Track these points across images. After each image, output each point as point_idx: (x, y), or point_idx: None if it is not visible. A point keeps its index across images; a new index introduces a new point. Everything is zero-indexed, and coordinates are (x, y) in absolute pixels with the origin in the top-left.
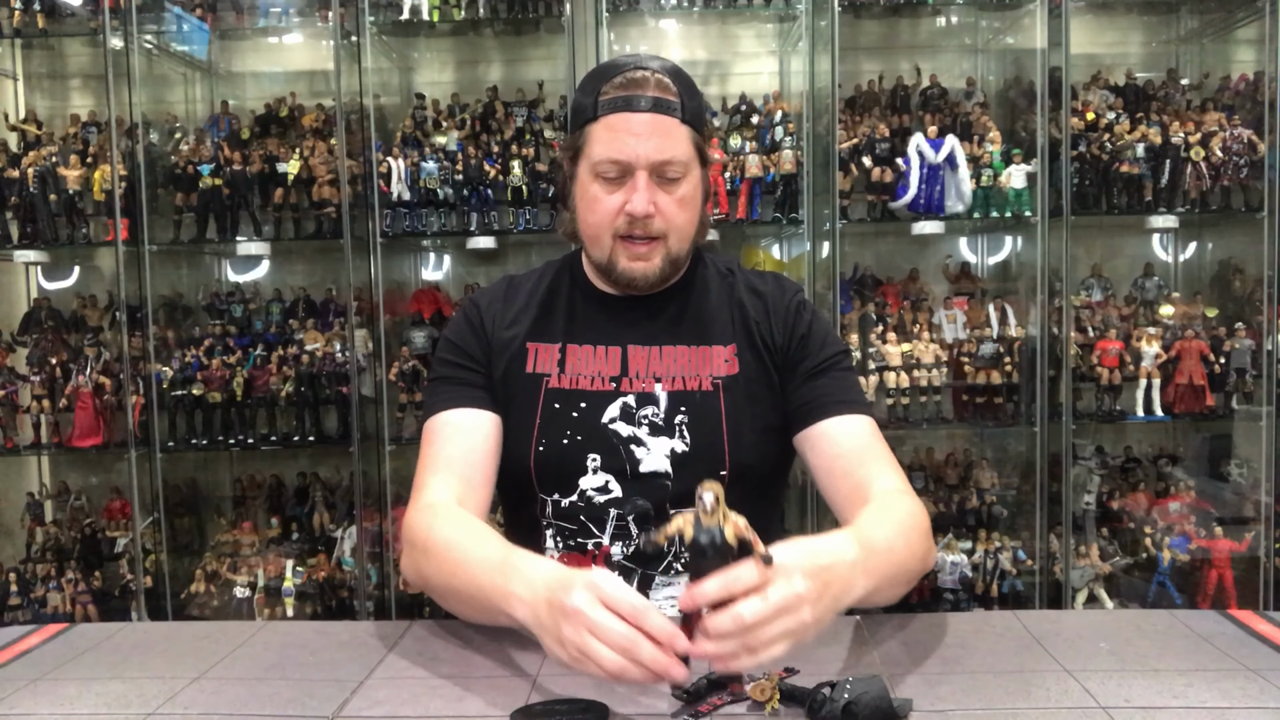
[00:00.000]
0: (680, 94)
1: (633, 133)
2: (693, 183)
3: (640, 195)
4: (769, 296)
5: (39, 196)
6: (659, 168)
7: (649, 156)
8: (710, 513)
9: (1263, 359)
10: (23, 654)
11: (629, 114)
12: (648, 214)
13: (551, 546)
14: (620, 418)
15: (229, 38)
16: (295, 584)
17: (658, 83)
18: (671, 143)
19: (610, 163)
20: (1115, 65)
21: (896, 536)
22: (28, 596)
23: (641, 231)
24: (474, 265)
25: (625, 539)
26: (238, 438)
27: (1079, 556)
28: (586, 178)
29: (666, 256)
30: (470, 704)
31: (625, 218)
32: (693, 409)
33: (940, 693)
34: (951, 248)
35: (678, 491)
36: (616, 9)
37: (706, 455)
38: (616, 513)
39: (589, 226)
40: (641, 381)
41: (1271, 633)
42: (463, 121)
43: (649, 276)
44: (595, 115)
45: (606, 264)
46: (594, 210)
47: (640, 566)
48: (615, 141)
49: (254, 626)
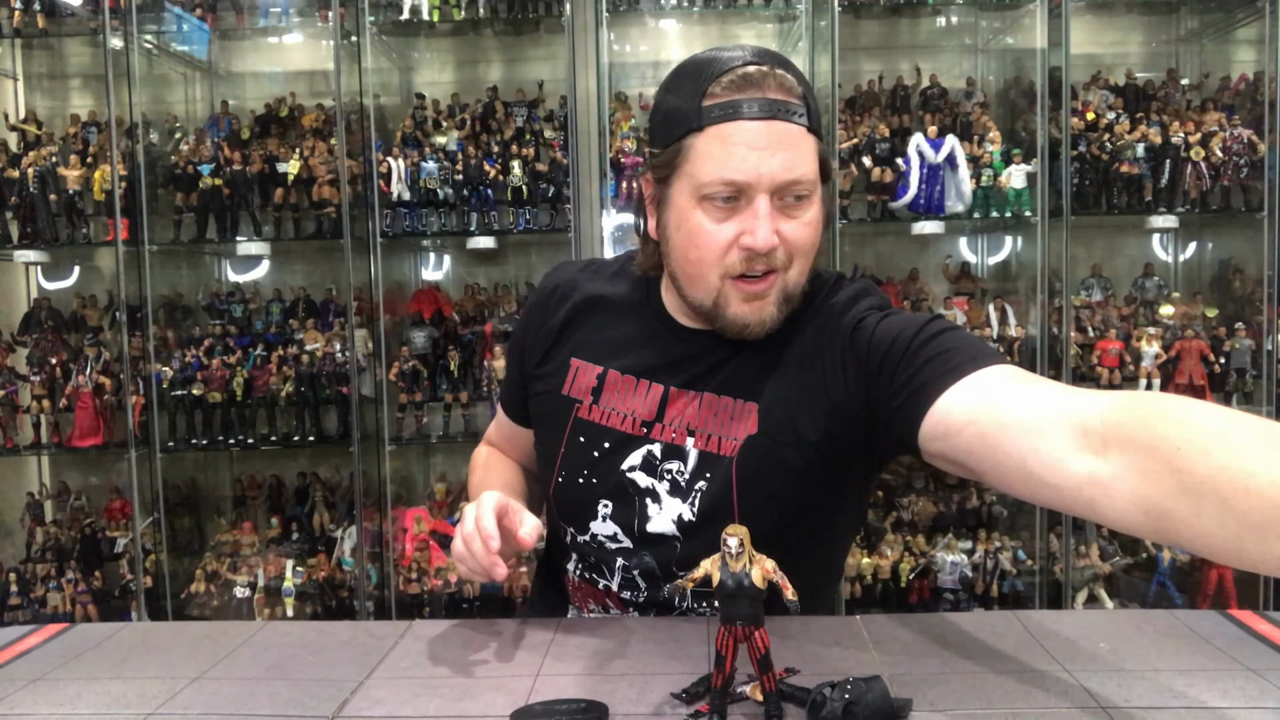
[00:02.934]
0: (805, 95)
1: (752, 146)
2: (817, 205)
3: (763, 225)
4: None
5: (39, 196)
6: (784, 189)
7: (775, 176)
8: (735, 557)
9: (1263, 359)
10: (23, 654)
11: (746, 122)
12: (771, 247)
13: (572, 570)
14: (641, 467)
15: (229, 38)
16: (295, 584)
17: (779, 82)
18: (800, 157)
19: (724, 184)
20: (1115, 65)
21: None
22: (28, 596)
23: (763, 267)
24: (474, 265)
25: (633, 589)
26: (238, 438)
27: (1079, 556)
28: (686, 203)
29: (784, 294)
30: (470, 704)
31: (741, 253)
32: (715, 475)
33: (940, 693)
34: (951, 248)
35: (686, 555)
36: (616, 9)
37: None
38: (624, 563)
39: (691, 264)
40: (673, 430)
41: (1271, 633)
42: (463, 121)
43: (765, 323)
44: (700, 125)
45: (712, 309)
46: (699, 244)
47: (654, 610)
48: (731, 158)
49: (254, 626)
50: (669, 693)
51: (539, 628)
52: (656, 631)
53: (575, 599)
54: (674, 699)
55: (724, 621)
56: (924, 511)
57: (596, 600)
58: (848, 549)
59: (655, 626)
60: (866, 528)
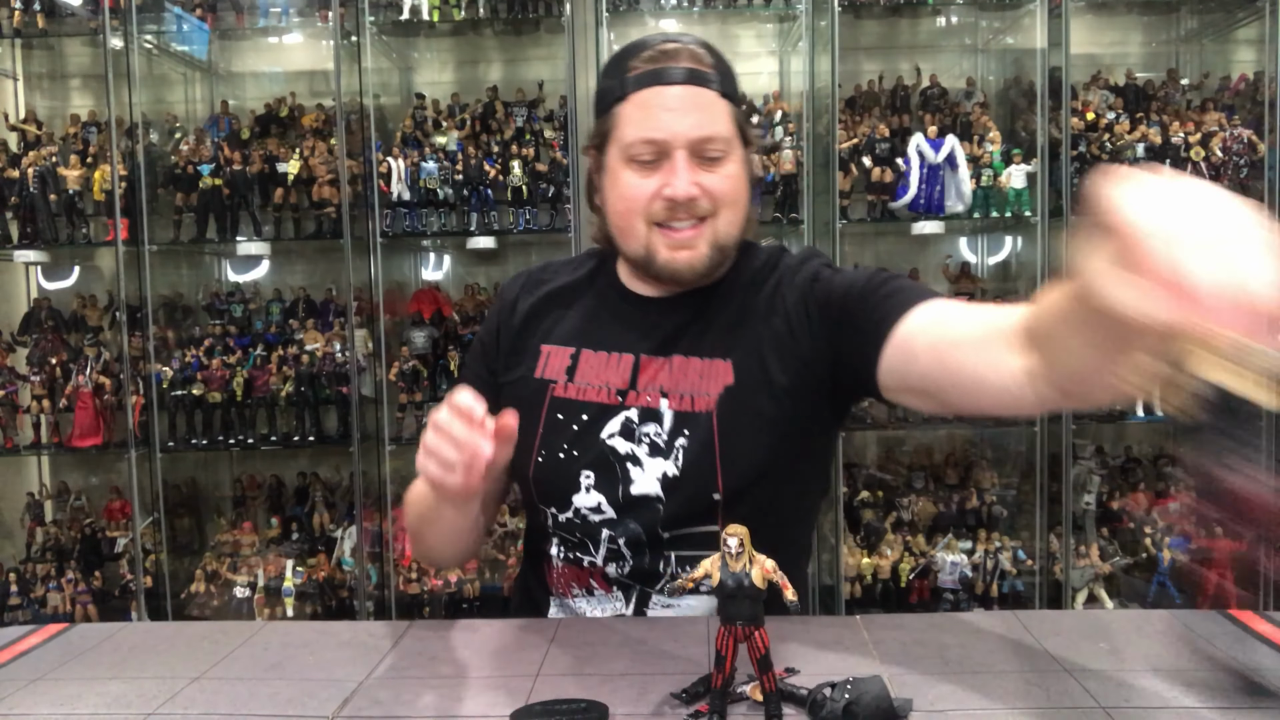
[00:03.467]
0: (716, 66)
1: (667, 108)
2: (737, 162)
3: (681, 176)
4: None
5: (39, 196)
6: (699, 146)
7: (687, 133)
8: (736, 557)
9: None
10: (23, 654)
11: (662, 88)
12: (690, 196)
13: (555, 555)
14: (620, 433)
15: (229, 38)
16: (295, 584)
17: (690, 53)
18: (711, 117)
19: (644, 143)
20: (1115, 65)
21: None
22: (28, 596)
23: (685, 215)
24: (474, 265)
25: (619, 560)
26: (238, 438)
27: (1079, 556)
28: (617, 164)
29: (714, 243)
30: (470, 704)
31: (663, 203)
32: (694, 431)
33: (940, 693)
34: (951, 248)
35: (670, 515)
36: (616, 9)
37: (698, 481)
38: (609, 534)
39: (620, 216)
40: (647, 395)
41: (1271, 633)
42: (463, 121)
43: (695, 267)
44: (624, 94)
45: (644, 257)
46: (626, 197)
47: (637, 584)
48: (649, 119)
49: (254, 626)
50: (669, 693)
51: (539, 628)
52: (656, 631)
53: (558, 588)
54: (674, 699)
55: (724, 621)
56: (924, 511)
57: (581, 582)
58: (814, 522)
59: (655, 626)
60: (867, 528)
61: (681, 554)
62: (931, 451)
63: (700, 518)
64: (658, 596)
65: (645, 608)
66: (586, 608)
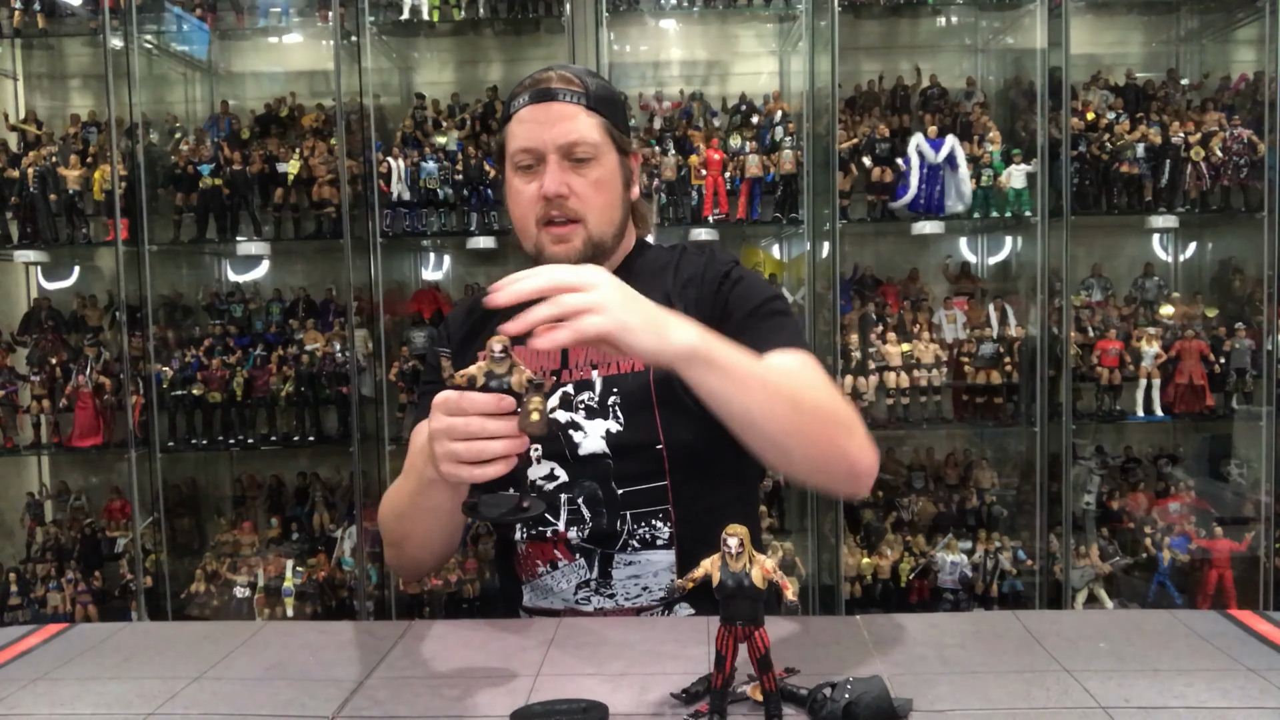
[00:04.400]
0: (584, 84)
1: (538, 121)
2: (607, 167)
3: (551, 176)
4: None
5: (39, 196)
6: (567, 149)
7: (555, 140)
8: (736, 557)
9: (1263, 359)
10: (23, 654)
11: (534, 105)
12: (559, 194)
13: (520, 539)
14: (560, 406)
15: (229, 38)
16: (295, 584)
17: (560, 77)
18: (577, 125)
19: (523, 151)
20: (1115, 65)
21: (772, 360)
22: (28, 596)
23: (559, 213)
24: (474, 265)
25: (580, 523)
26: (238, 438)
27: (1079, 556)
28: (510, 174)
29: (587, 240)
30: (470, 704)
31: (543, 203)
32: (624, 389)
33: (940, 693)
34: (951, 248)
35: (620, 472)
36: (616, 9)
37: (640, 434)
38: (567, 497)
39: (516, 220)
40: (580, 371)
41: (1271, 633)
42: (463, 121)
43: (570, 257)
44: (510, 114)
45: (535, 253)
46: (517, 202)
47: (599, 547)
48: (524, 132)
49: (254, 626)
50: (669, 693)
51: (539, 628)
52: (656, 631)
53: (526, 572)
54: (674, 699)
55: (724, 621)
56: (924, 511)
57: (545, 557)
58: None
59: (655, 626)
60: (866, 528)
61: (636, 512)
62: (931, 451)
63: (649, 475)
64: (620, 555)
65: (610, 569)
66: (552, 583)
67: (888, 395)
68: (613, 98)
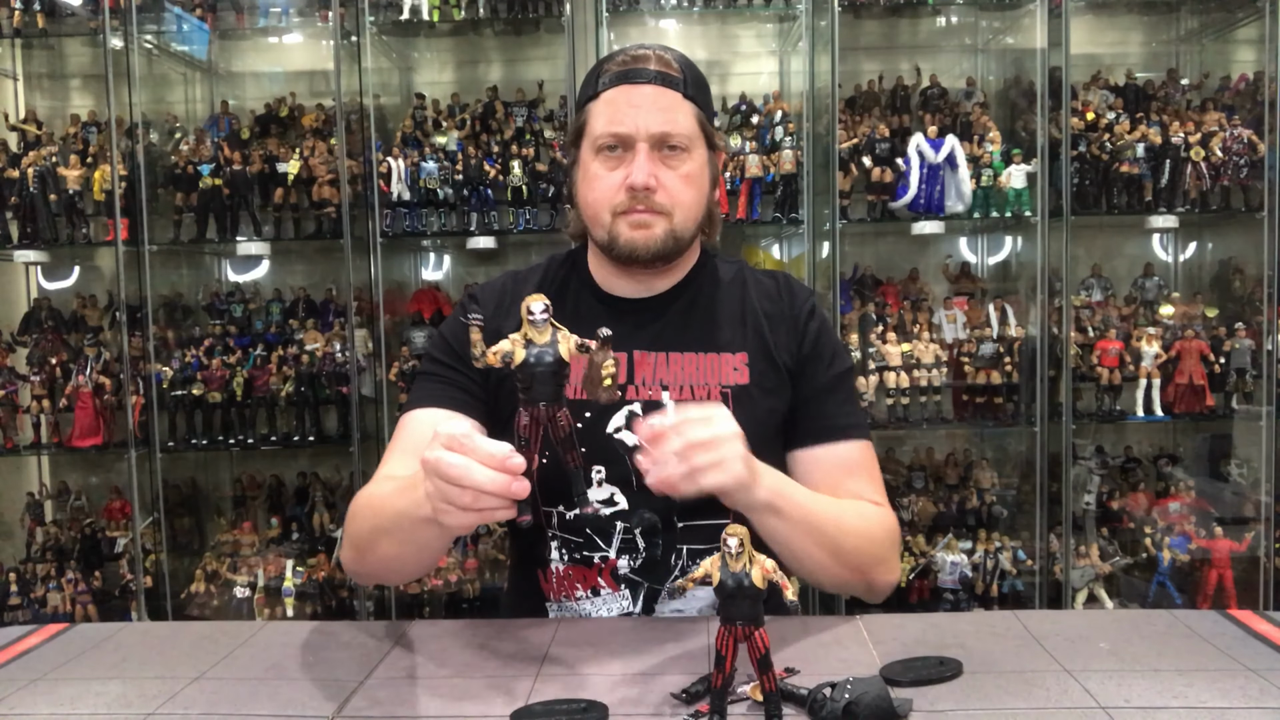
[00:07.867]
0: (684, 72)
1: (633, 104)
2: (698, 161)
3: (640, 166)
4: (780, 304)
5: (39, 196)
6: (661, 139)
7: (649, 128)
8: (736, 557)
9: (1263, 359)
10: (23, 654)
11: (629, 86)
12: (648, 186)
13: (556, 559)
14: (626, 427)
15: (229, 38)
16: (295, 584)
17: (660, 59)
18: (674, 116)
19: (610, 135)
20: (1115, 65)
21: (831, 505)
22: (28, 596)
23: (643, 207)
24: (474, 265)
25: (632, 551)
26: (238, 438)
27: (1079, 556)
28: (588, 157)
29: (669, 232)
30: (470, 704)
31: (626, 193)
32: None
33: (940, 693)
34: (951, 248)
35: (685, 505)
36: (616, 9)
37: None
38: (623, 525)
39: (589, 205)
40: (648, 389)
41: (1271, 633)
42: (463, 121)
43: (651, 246)
44: (595, 92)
45: (608, 241)
46: (594, 187)
47: (647, 580)
48: (615, 114)
49: (254, 626)
50: (669, 693)
51: (539, 628)
52: (656, 631)
53: (558, 593)
54: (674, 699)
55: (724, 621)
56: (924, 511)
57: (587, 583)
58: None
59: (655, 626)
60: None
61: (693, 548)
62: (931, 451)
63: (714, 511)
64: (666, 596)
65: (654, 605)
66: (591, 609)
67: (888, 395)
68: (707, 87)
